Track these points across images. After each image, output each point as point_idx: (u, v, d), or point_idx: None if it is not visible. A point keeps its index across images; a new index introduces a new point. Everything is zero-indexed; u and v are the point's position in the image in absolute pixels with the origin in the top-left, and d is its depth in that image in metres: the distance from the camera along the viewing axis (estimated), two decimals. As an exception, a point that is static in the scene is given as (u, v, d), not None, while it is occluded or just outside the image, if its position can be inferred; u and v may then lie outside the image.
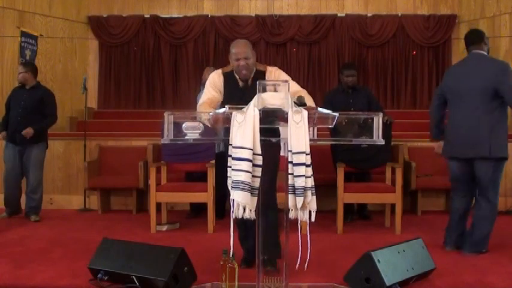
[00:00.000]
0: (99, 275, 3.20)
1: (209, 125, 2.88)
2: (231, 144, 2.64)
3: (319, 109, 2.77)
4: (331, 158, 5.49)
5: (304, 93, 3.41)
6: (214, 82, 3.65)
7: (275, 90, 2.70)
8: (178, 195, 5.17)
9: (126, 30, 8.51)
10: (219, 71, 3.71)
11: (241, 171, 2.58)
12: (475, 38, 4.15)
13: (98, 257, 3.28)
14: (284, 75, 3.60)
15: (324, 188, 5.48)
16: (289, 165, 2.62)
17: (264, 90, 2.69)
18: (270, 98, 2.67)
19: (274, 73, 3.61)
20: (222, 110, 2.76)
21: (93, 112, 8.34)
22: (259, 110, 2.63)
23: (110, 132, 7.02)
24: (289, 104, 2.64)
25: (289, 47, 8.52)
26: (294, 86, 3.45)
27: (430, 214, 6.04)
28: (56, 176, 6.52)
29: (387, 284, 2.97)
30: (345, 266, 3.31)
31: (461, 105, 4.03)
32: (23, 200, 5.76)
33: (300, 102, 2.74)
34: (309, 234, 2.67)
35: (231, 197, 2.62)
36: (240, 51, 3.52)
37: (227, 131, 2.76)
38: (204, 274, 3.34)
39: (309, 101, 3.26)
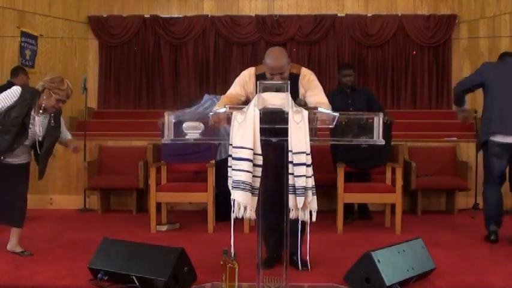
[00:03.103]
0: (99, 275, 3.20)
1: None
2: (231, 144, 2.64)
3: (320, 109, 2.77)
4: (331, 158, 5.49)
5: (328, 105, 3.37)
6: (244, 80, 3.54)
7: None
8: (178, 195, 5.16)
9: (126, 30, 8.51)
10: (252, 70, 3.57)
11: (241, 171, 2.58)
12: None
13: (98, 257, 3.28)
14: (316, 82, 3.53)
15: (324, 188, 5.48)
16: (290, 165, 2.62)
17: (265, 91, 2.69)
18: (270, 98, 2.67)
19: (308, 77, 3.51)
20: (222, 110, 2.76)
21: (93, 112, 8.34)
22: (260, 110, 2.63)
23: (110, 132, 7.02)
24: (289, 104, 2.64)
25: (289, 47, 8.51)
26: (322, 97, 3.44)
27: (430, 214, 6.04)
28: (56, 176, 6.51)
29: (387, 284, 2.97)
30: (345, 266, 3.31)
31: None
32: None
33: (299, 105, 2.74)
34: (309, 234, 2.67)
35: (232, 197, 2.62)
36: (276, 66, 3.31)
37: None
38: (204, 274, 3.34)
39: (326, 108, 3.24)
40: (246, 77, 3.55)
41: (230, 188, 2.65)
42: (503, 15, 7.56)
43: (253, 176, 2.62)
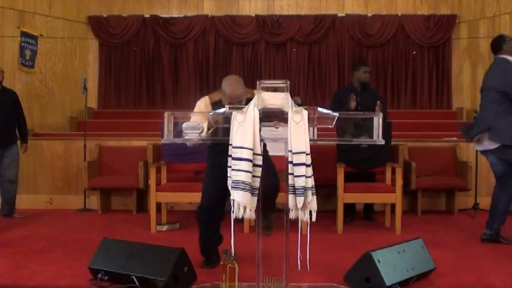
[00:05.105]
0: (99, 275, 3.20)
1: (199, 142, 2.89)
2: (231, 144, 2.64)
3: (319, 109, 2.77)
4: (336, 158, 5.46)
5: None
6: (201, 111, 3.55)
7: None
8: (178, 195, 5.16)
9: (126, 30, 8.51)
10: (207, 100, 3.61)
11: (241, 171, 2.58)
12: (494, 47, 4.51)
13: (98, 257, 3.28)
14: None
15: (326, 189, 5.48)
16: (290, 165, 2.62)
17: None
18: (270, 98, 2.67)
19: None
20: (222, 110, 2.76)
21: (93, 112, 8.35)
22: (259, 110, 2.63)
23: (110, 132, 7.02)
24: (289, 104, 2.64)
25: (289, 47, 8.53)
26: None
27: (430, 214, 6.04)
28: (56, 176, 6.51)
29: (387, 284, 2.97)
30: (345, 266, 3.31)
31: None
32: None
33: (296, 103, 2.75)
34: (309, 234, 2.67)
35: (231, 197, 2.63)
36: (235, 95, 3.34)
37: (225, 131, 2.76)
38: (204, 274, 3.34)
39: None
40: (202, 107, 3.58)
41: (230, 188, 2.65)
42: (503, 15, 7.57)
43: (253, 176, 2.62)
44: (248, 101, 3.38)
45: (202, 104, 3.60)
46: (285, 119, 2.64)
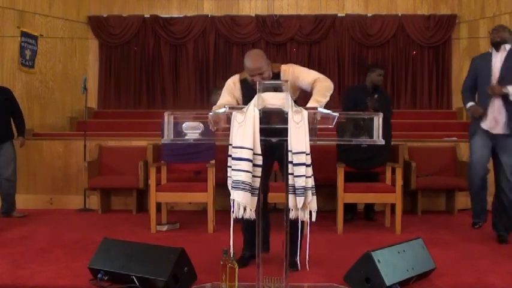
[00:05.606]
0: (99, 275, 3.20)
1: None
2: (231, 144, 2.65)
3: (319, 109, 2.77)
4: (336, 158, 5.46)
5: (322, 80, 3.47)
6: (230, 88, 3.59)
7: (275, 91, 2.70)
8: (178, 195, 5.16)
9: (126, 30, 8.51)
10: (236, 77, 3.62)
11: (241, 171, 2.58)
12: None
13: (98, 257, 3.28)
14: (299, 69, 3.55)
15: (326, 189, 5.48)
16: (290, 165, 2.62)
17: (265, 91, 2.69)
18: (270, 98, 2.67)
19: (288, 71, 3.53)
20: (222, 110, 2.77)
21: (93, 112, 8.35)
22: (259, 110, 2.64)
23: (110, 132, 7.02)
24: (289, 104, 2.64)
25: (289, 47, 8.53)
26: (311, 75, 3.49)
27: (430, 214, 6.04)
28: (55, 176, 6.51)
29: (387, 284, 2.97)
30: (345, 266, 3.31)
31: None
32: None
33: None
34: (309, 234, 2.67)
35: (231, 197, 2.63)
36: (254, 67, 3.37)
37: None
38: (204, 274, 3.34)
39: (323, 89, 3.37)
40: (231, 84, 3.61)
41: (230, 188, 2.65)
42: (503, 15, 7.57)
43: (253, 176, 2.62)
44: (274, 75, 3.43)
45: (231, 81, 3.64)
46: (285, 119, 2.64)
